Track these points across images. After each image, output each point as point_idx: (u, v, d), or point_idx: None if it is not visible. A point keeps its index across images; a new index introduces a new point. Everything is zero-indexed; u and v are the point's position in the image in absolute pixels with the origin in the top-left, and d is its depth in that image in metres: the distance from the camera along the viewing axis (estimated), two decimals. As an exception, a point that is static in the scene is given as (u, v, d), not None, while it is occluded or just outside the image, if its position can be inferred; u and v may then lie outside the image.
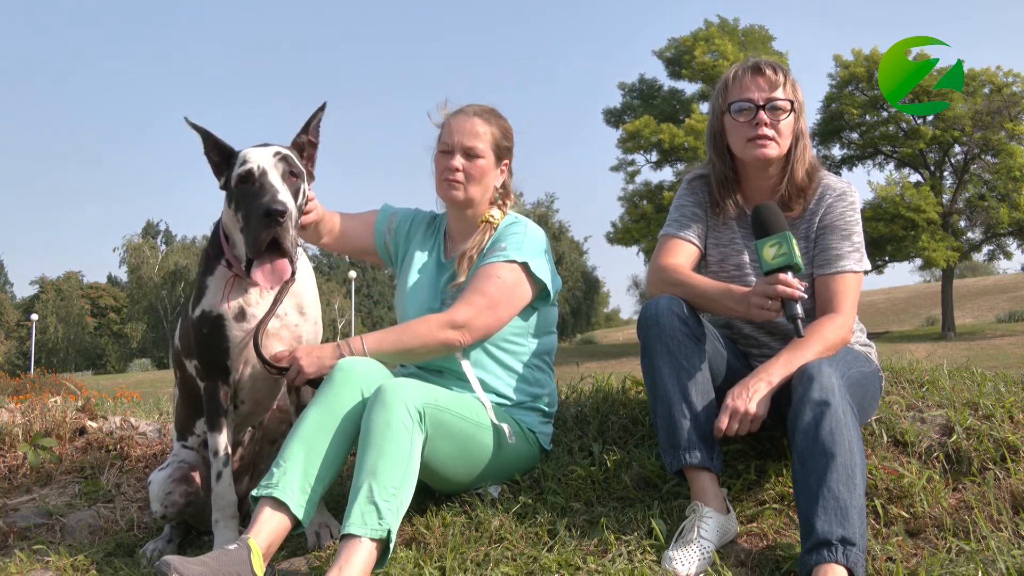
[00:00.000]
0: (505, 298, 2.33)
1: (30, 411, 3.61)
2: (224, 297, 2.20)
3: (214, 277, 2.23)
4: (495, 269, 2.33)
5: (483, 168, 2.42)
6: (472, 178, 2.42)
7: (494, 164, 2.46)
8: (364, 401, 2.10)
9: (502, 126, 2.48)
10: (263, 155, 2.13)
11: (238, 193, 2.11)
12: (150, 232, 66.90)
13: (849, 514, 1.84)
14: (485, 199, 2.47)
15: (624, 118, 36.47)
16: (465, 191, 2.42)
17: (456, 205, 2.47)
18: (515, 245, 2.37)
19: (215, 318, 2.20)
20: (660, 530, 2.09)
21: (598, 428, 2.70)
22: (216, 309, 2.20)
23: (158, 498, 2.39)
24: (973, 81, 31.03)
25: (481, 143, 2.42)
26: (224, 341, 2.20)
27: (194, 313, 2.24)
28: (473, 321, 2.28)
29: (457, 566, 1.99)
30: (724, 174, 2.38)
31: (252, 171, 2.10)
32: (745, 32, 35.79)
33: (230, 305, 2.20)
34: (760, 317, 2.09)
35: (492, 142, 2.44)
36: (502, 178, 2.50)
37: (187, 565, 1.78)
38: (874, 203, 31.02)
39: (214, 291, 2.22)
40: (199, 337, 2.22)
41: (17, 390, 10.52)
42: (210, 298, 2.22)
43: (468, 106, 2.49)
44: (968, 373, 3.08)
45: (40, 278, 66.63)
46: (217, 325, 2.20)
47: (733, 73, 2.34)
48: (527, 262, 2.36)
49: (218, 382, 2.23)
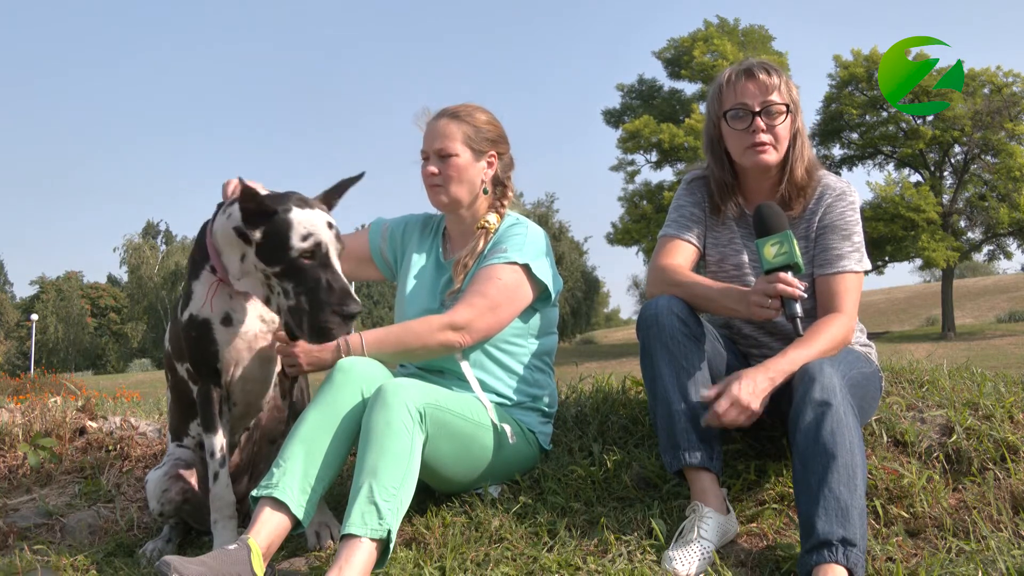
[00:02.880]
0: (506, 300, 2.32)
1: (30, 411, 3.61)
2: (207, 301, 2.19)
3: (199, 282, 2.23)
4: (496, 271, 2.33)
5: (459, 166, 2.41)
6: (450, 179, 2.41)
7: (472, 159, 2.43)
8: (364, 401, 2.11)
9: (476, 120, 2.45)
10: (323, 228, 2.02)
11: (293, 264, 2.00)
12: (150, 232, 66.91)
13: (850, 514, 1.84)
14: (474, 196, 2.45)
15: (624, 118, 36.46)
16: (447, 193, 2.42)
17: (445, 209, 2.47)
18: (516, 246, 2.37)
19: (202, 322, 2.20)
20: (660, 530, 2.09)
21: (598, 428, 2.70)
22: (202, 313, 2.21)
23: (155, 496, 2.39)
24: (973, 81, 31.03)
25: (451, 142, 2.41)
26: (212, 344, 2.21)
27: (182, 317, 2.24)
28: (474, 323, 2.28)
29: (457, 566, 1.99)
30: (723, 179, 2.38)
31: (320, 248, 2.00)
32: (745, 32, 35.79)
33: (214, 310, 2.20)
34: (760, 316, 2.09)
35: (463, 138, 2.42)
36: (491, 171, 2.47)
37: (187, 565, 1.78)
38: (874, 203, 31.02)
39: (200, 295, 2.22)
40: (189, 340, 2.23)
41: (17, 390, 10.53)
42: (196, 302, 2.22)
43: (443, 109, 2.49)
44: (968, 373, 3.08)
45: (40, 278, 66.66)
46: (205, 329, 2.20)
47: (726, 78, 2.33)
48: (528, 264, 2.35)
49: (210, 384, 2.24)
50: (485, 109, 2.51)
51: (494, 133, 2.48)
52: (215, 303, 2.20)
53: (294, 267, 2.00)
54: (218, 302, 2.20)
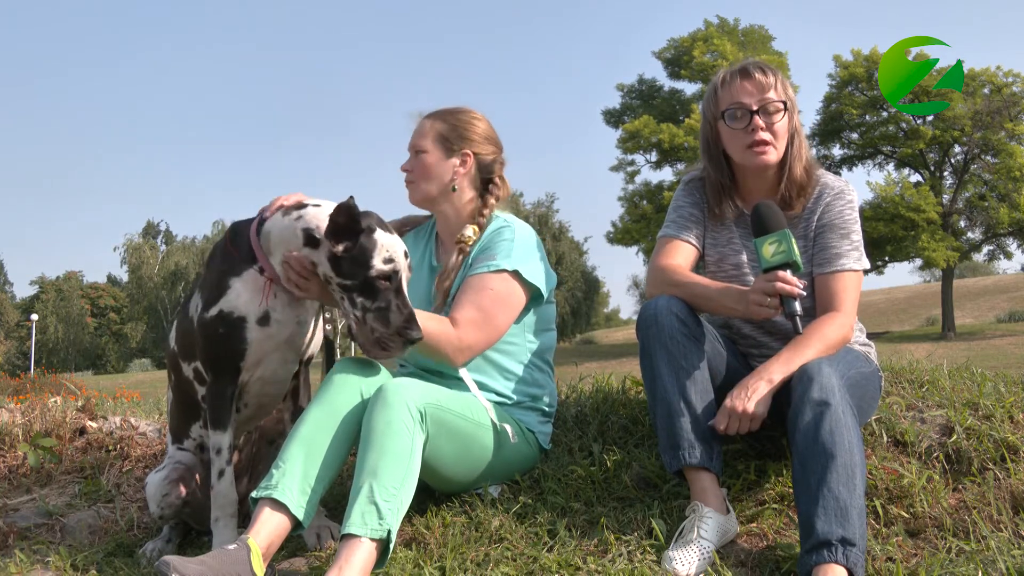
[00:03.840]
0: (501, 310, 2.32)
1: (30, 411, 3.61)
2: (264, 298, 2.20)
3: (242, 279, 2.20)
4: (487, 281, 2.32)
5: (426, 162, 2.43)
6: (420, 175, 2.45)
7: (442, 157, 2.44)
8: (364, 401, 2.11)
9: (454, 119, 2.47)
10: (401, 255, 2.10)
11: (368, 283, 2.06)
12: (150, 232, 66.93)
13: (849, 514, 1.84)
14: (444, 193, 2.45)
15: (624, 118, 36.48)
16: (416, 189, 2.46)
17: (417, 204, 2.51)
18: (504, 253, 2.35)
19: (236, 319, 2.19)
20: (660, 530, 2.09)
21: (598, 428, 2.70)
22: (239, 310, 2.19)
23: (155, 499, 2.39)
24: (973, 81, 31.02)
25: (422, 139, 2.45)
26: (242, 343, 2.19)
27: (207, 312, 2.21)
28: (476, 345, 2.29)
29: (457, 566, 1.99)
30: (719, 181, 2.38)
31: (396, 274, 2.08)
32: (744, 32, 35.81)
33: (268, 303, 2.20)
34: (759, 315, 2.09)
35: (435, 135, 2.44)
36: (464, 170, 2.45)
37: (187, 565, 1.78)
38: (874, 203, 31.02)
39: (240, 292, 2.19)
40: (213, 337, 2.20)
41: (17, 390, 10.53)
42: (232, 299, 2.19)
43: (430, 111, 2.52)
44: (968, 373, 3.08)
45: (40, 278, 66.74)
46: (237, 327, 2.19)
47: (722, 78, 2.33)
48: (518, 269, 2.35)
49: (226, 383, 2.23)
50: (473, 111, 2.51)
51: (474, 132, 2.47)
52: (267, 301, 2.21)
53: (369, 285, 2.06)
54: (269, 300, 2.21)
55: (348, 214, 2.05)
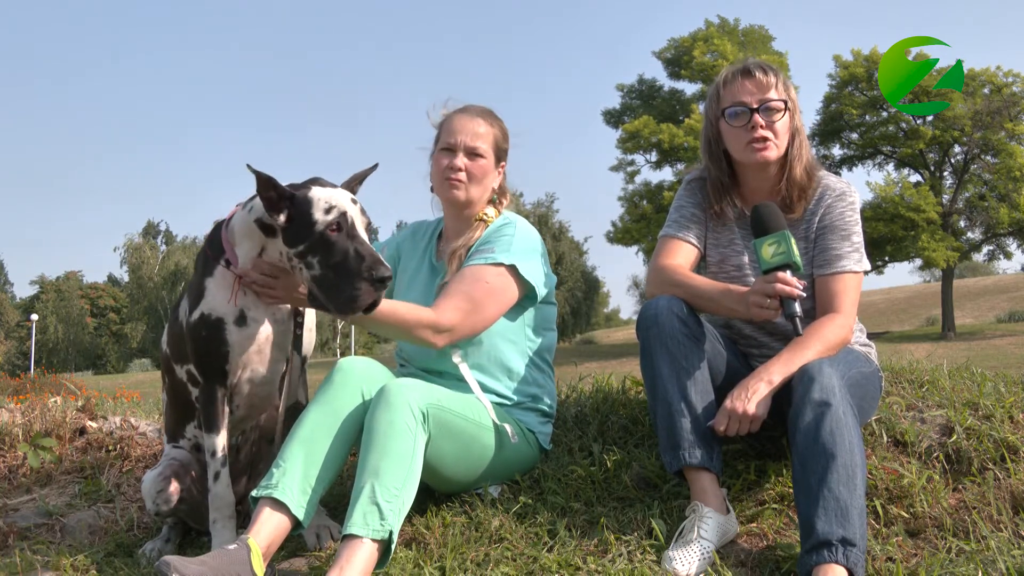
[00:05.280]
0: (491, 302, 2.31)
1: (30, 411, 3.61)
2: (232, 297, 2.18)
3: (214, 279, 2.21)
4: (482, 272, 2.32)
5: (484, 168, 2.42)
6: (474, 178, 2.41)
7: (494, 165, 2.46)
8: (364, 401, 2.11)
9: (502, 128, 2.49)
10: (346, 201, 2.03)
11: (320, 239, 2.00)
12: (150, 232, 66.88)
13: (849, 514, 1.84)
14: (484, 200, 2.47)
15: (624, 119, 36.46)
16: (467, 191, 2.42)
17: (456, 205, 2.46)
18: (503, 247, 2.36)
19: (215, 321, 2.18)
20: (660, 530, 2.09)
21: (598, 428, 2.70)
22: (216, 312, 2.18)
23: (150, 496, 2.38)
24: (973, 81, 31.01)
25: (483, 143, 2.42)
26: (223, 345, 2.19)
27: (192, 316, 2.21)
28: (458, 328, 2.26)
29: (457, 566, 1.99)
30: (720, 180, 2.38)
31: (345, 218, 2.01)
32: (745, 32, 35.79)
33: (236, 304, 2.19)
34: (759, 316, 2.09)
35: (493, 143, 2.44)
36: (499, 179, 2.50)
37: (187, 565, 1.78)
38: (874, 203, 31.01)
39: (214, 293, 2.19)
40: (198, 340, 2.21)
41: (17, 390, 10.52)
42: (210, 300, 2.19)
43: (470, 106, 2.49)
44: (968, 373, 3.08)
45: (40, 278, 66.70)
46: (217, 328, 2.18)
47: (723, 78, 2.34)
48: (515, 264, 2.35)
49: (215, 385, 2.23)
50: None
51: (508, 144, 2.52)
52: (238, 300, 2.19)
53: (321, 241, 2.01)
54: (239, 299, 2.19)
55: (268, 184, 2.01)
